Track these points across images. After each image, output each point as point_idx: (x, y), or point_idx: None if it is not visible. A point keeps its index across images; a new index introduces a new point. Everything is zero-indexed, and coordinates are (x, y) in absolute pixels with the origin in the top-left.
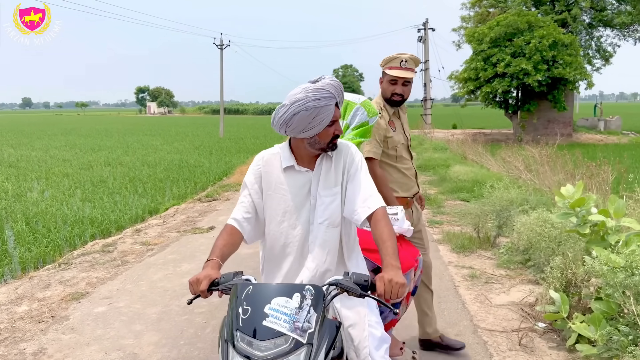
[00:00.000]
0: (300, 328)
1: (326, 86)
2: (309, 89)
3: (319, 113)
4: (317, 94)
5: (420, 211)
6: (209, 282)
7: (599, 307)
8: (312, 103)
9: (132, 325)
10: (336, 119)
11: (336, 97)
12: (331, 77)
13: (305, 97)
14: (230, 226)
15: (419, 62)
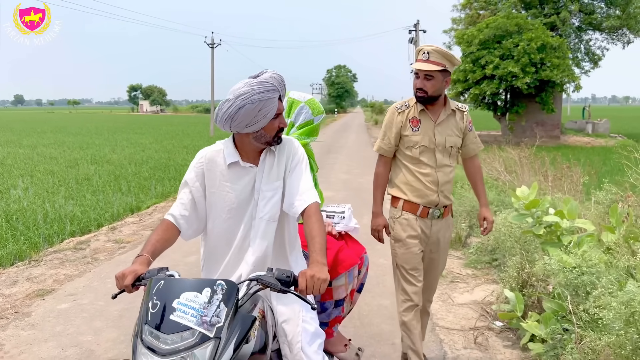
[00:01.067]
0: (207, 322)
1: (269, 79)
2: (252, 83)
3: (264, 106)
4: (261, 87)
5: (445, 230)
6: (134, 278)
7: (550, 306)
8: (256, 96)
9: (93, 322)
10: (280, 111)
11: (279, 89)
12: (273, 70)
13: (250, 90)
14: (167, 222)
15: (448, 55)
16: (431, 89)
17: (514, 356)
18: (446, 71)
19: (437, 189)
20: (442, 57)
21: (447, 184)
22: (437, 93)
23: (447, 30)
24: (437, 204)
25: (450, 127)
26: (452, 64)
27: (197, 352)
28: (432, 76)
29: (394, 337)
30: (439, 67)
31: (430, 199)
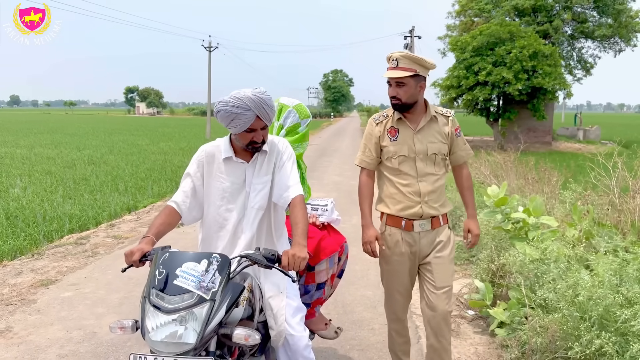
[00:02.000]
0: (204, 287)
1: (244, 98)
2: (232, 95)
3: (235, 118)
4: (234, 102)
5: (438, 242)
6: (141, 254)
7: (515, 294)
8: (229, 108)
9: (95, 309)
10: (255, 128)
11: (254, 110)
12: (261, 91)
13: (227, 101)
14: (170, 207)
15: (417, 59)
16: (404, 96)
17: (482, 341)
18: (419, 76)
19: (420, 200)
20: (411, 63)
21: (432, 194)
22: (412, 99)
23: (442, 36)
24: (421, 215)
25: (432, 133)
26: (424, 68)
27: (195, 311)
28: (403, 83)
29: (373, 324)
30: (409, 73)
31: (412, 210)
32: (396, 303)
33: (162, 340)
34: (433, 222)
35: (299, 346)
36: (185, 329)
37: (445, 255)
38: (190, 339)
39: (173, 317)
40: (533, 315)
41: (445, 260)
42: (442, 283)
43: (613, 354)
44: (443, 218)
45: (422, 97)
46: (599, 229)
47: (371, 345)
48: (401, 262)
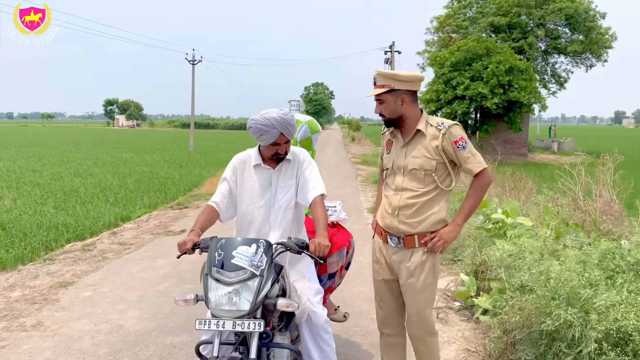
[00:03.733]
0: (255, 265)
1: (271, 119)
2: (262, 114)
3: (263, 134)
4: (263, 121)
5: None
6: (192, 244)
7: (496, 285)
8: (259, 125)
9: (116, 305)
10: (279, 142)
11: (278, 128)
12: (285, 113)
13: (257, 120)
14: (210, 206)
15: (391, 75)
16: (386, 112)
17: (468, 327)
18: (397, 90)
19: (392, 213)
20: (385, 79)
21: (405, 209)
22: (395, 114)
23: (421, 52)
24: (393, 228)
25: (418, 148)
26: (400, 82)
27: (249, 284)
28: (381, 99)
29: (371, 314)
30: (384, 89)
31: (385, 221)
32: (378, 312)
33: (223, 308)
34: (406, 240)
35: (320, 321)
36: (240, 298)
37: (415, 282)
38: (245, 306)
39: (231, 289)
40: (512, 298)
41: (416, 287)
42: (411, 309)
43: (577, 325)
44: (420, 239)
45: (411, 110)
46: (567, 228)
47: (371, 332)
48: (378, 271)
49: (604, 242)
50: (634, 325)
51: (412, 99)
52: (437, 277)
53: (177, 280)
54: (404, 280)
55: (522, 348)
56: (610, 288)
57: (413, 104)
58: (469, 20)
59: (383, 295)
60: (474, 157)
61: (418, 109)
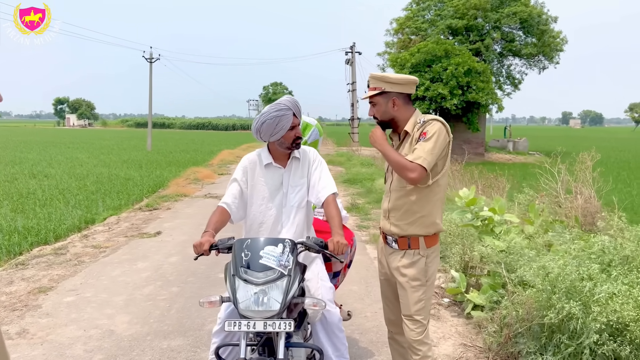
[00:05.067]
0: (283, 265)
1: (283, 101)
2: (270, 105)
3: (280, 121)
4: (276, 107)
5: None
6: (209, 244)
7: (487, 281)
8: (273, 114)
9: (103, 310)
10: (295, 124)
11: (292, 108)
12: (288, 96)
13: (269, 110)
14: (221, 207)
15: (381, 77)
16: (378, 114)
17: (460, 322)
18: (388, 92)
19: (385, 215)
20: (377, 81)
21: (394, 211)
22: (386, 116)
23: (381, 53)
24: (387, 230)
25: (405, 148)
26: (390, 84)
27: (277, 284)
28: (373, 102)
29: (365, 312)
30: (375, 92)
31: (382, 223)
32: (384, 309)
33: (252, 309)
34: (399, 242)
35: (335, 320)
36: (269, 298)
37: (405, 282)
38: (275, 306)
39: (260, 289)
40: (513, 292)
41: (406, 287)
42: (404, 310)
43: (579, 317)
44: (412, 241)
45: (402, 112)
46: (551, 225)
47: (368, 330)
48: (380, 270)
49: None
50: (631, 316)
51: (404, 102)
52: (431, 281)
53: (162, 284)
54: (397, 280)
55: (523, 341)
56: (606, 281)
57: (405, 106)
58: (427, 22)
59: (386, 294)
60: (419, 150)
61: (411, 111)
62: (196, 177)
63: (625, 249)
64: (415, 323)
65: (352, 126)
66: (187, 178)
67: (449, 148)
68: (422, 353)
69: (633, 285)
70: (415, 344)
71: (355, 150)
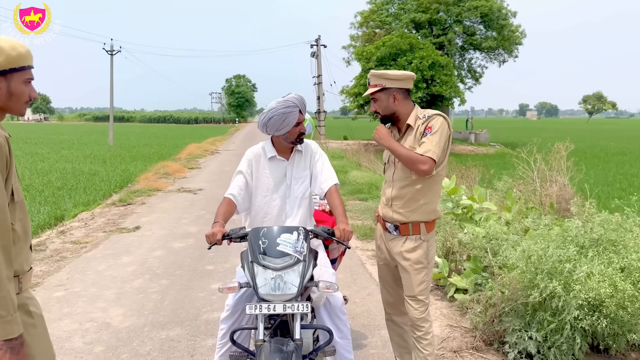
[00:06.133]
0: (298, 251)
1: (291, 99)
2: (280, 101)
3: (287, 117)
4: (284, 104)
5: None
6: (222, 234)
7: (469, 265)
8: (281, 110)
9: (95, 304)
10: (300, 121)
11: (299, 105)
12: (295, 92)
13: (277, 107)
14: (228, 199)
15: (381, 74)
16: (380, 109)
17: (443, 306)
18: (388, 89)
19: (388, 203)
20: (377, 78)
21: (397, 199)
22: (388, 111)
23: (346, 46)
24: (388, 217)
25: (407, 140)
26: (390, 80)
27: (294, 268)
28: (375, 98)
29: (354, 298)
30: (376, 88)
31: (383, 211)
32: (382, 293)
33: (272, 293)
34: (401, 228)
35: (338, 303)
36: (286, 283)
37: (408, 265)
38: (293, 289)
39: (279, 274)
40: (498, 275)
41: (409, 270)
42: (408, 292)
43: (561, 295)
44: (414, 227)
45: (403, 106)
46: (528, 211)
47: (359, 314)
48: (379, 256)
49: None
50: (607, 293)
51: (403, 96)
52: (432, 264)
53: (150, 277)
54: (399, 264)
55: (509, 319)
56: (584, 262)
57: (405, 101)
58: (392, 16)
59: (385, 278)
60: (428, 144)
61: (411, 105)
62: (166, 171)
63: (594, 233)
64: (419, 302)
65: (319, 119)
66: (156, 172)
67: (450, 141)
68: (424, 329)
69: (607, 265)
70: (419, 322)
71: (323, 143)
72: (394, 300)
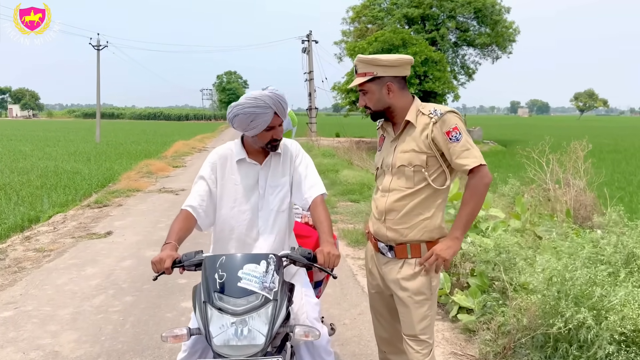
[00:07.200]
0: (268, 287)
1: (263, 97)
2: (249, 97)
3: (255, 118)
4: (253, 103)
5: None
6: (172, 261)
7: (474, 281)
8: (248, 109)
9: (47, 326)
10: (274, 125)
11: (272, 107)
12: (274, 89)
13: (244, 103)
14: (185, 211)
15: (372, 60)
16: (371, 103)
17: (445, 327)
18: (381, 77)
19: (379, 218)
20: (366, 66)
21: (391, 212)
22: (381, 105)
23: (338, 42)
24: (381, 235)
25: (407, 141)
26: (383, 67)
27: (261, 311)
28: (365, 90)
29: (343, 319)
30: (366, 78)
31: (374, 227)
32: (375, 326)
33: (231, 344)
34: (396, 249)
35: (322, 342)
36: (251, 330)
37: (407, 297)
38: (260, 339)
39: (240, 319)
40: (513, 298)
41: (408, 303)
42: (407, 330)
43: (592, 326)
44: (413, 248)
45: (399, 99)
46: (540, 219)
47: (349, 340)
48: (371, 283)
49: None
50: None
51: (399, 86)
52: (435, 294)
53: (114, 292)
54: (395, 295)
55: (526, 352)
56: (616, 284)
57: (402, 92)
58: (384, 11)
59: (378, 309)
60: (468, 151)
61: (409, 97)
62: (149, 170)
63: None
64: (421, 344)
65: (310, 116)
66: (139, 171)
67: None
68: None
69: None
70: None
71: (314, 140)
72: (389, 336)
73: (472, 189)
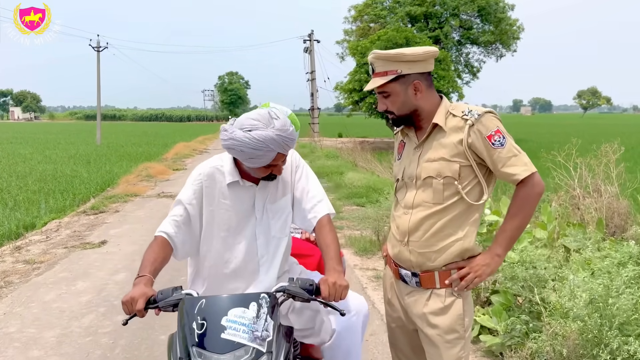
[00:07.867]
0: (259, 337)
1: (267, 140)
2: (252, 136)
3: (254, 157)
4: (254, 145)
5: (427, 309)
6: (145, 300)
7: (498, 299)
8: (247, 150)
9: (29, 352)
10: (276, 163)
11: (276, 149)
12: (283, 128)
13: (244, 142)
14: (161, 238)
15: (393, 56)
16: (394, 107)
17: None
18: (406, 76)
19: (402, 239)
20: (388, 63)
21: (415, 232)
22: (408, 109)
23: (340, 41)
24: (404, 261)
25: (434, 147)
26: (409, 63)
27: None
28: (386, 92)
29: None
30: (388, 78)
31: (394, 250)
32: None
33: None
34: (422, 278)
35: None
36: None
37: (436, 335)
38: None
39: None
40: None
41: (438, 342)
42: None
43: None
44: (442, 276)
45: (427, 99)
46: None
47: None
48: (391, 315)
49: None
50: None
51: (427, 84)
52: (470, 332)
53: (105, 310)
54: (422, 330)
55: None
56: None
57: (429, 90)
58: (386, 9)
59: (399, 346)
60: (516, 157)
61: (436, 96)
62: (149, 173)
63: None
64: None
65: (312, 116)
66: (138, 175)
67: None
68: None
69: None
70: None
71: (317, 141)
72: None
73: (522, 200)
